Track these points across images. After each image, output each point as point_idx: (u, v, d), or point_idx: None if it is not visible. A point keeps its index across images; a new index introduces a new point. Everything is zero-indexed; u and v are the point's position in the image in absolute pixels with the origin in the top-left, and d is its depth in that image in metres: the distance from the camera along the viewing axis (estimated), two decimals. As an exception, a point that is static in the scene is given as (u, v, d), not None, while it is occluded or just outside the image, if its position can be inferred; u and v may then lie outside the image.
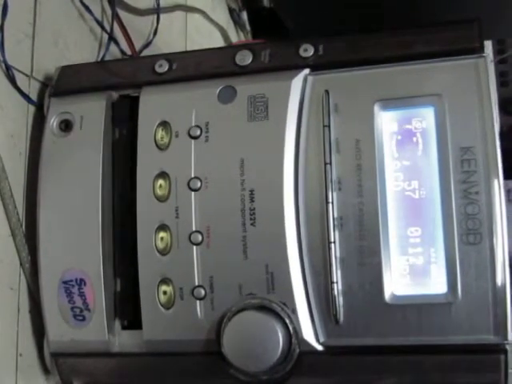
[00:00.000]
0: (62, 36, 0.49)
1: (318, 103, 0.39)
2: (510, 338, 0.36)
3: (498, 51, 0.98)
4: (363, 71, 0.39)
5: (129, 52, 0.55)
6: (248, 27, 0.83)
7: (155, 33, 0.62)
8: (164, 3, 0.64)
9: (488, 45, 0.39)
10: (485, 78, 0.37)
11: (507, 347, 0.36)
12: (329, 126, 0.39)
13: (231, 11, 0.81)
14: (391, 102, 0.39)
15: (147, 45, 0.60)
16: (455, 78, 0.38)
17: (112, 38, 0.53)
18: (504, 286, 0.36)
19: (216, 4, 0.78)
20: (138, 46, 0.58)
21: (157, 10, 0.62)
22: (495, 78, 0.39)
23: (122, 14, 0.56)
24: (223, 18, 0.80)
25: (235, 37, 0.81)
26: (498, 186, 0.36)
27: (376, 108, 0.39)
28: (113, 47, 0.54)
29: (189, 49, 0.70)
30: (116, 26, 0.54)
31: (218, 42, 0.78)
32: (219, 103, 0.41)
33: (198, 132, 0.41)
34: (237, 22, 0.81)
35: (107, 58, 0.53)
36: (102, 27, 0.53)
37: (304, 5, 0.80)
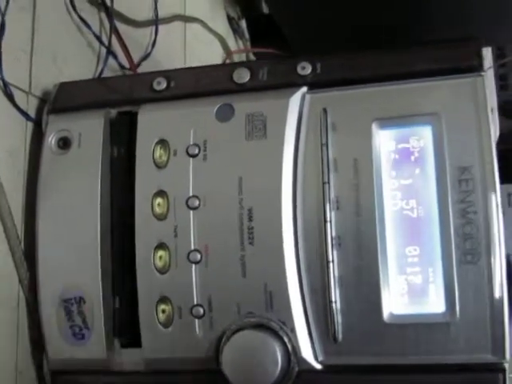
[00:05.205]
0: (60, 51, 0.49)
1: (315, 122, 0.39)
2: (508, 357, 0.36)
3: (498, 56, 0.99)
4: (361, 89, 0.39)
5: (127, 65, 0.55)
6: (247, 35, 0.83)
7: (154, 44, 0.61)
8: (162, 14, 0.64)
9: (487, 52, 0.39)
10: (482, 97, 0.37)
11: (505, 366, 0.36)
12: (327, 145, 0.39)
13: (230, 20, 0.81)
14: (389, 120, 0.39)
15: (146, 57, 0.60)
16: (453, 96, 0.38)
17: (110, 52, 0.53)
18: (502, 305, 0.36)
19: (215, 13, 0.78)
20: (136, 58, 0.58)
21: (155, 22, 0.62)
22: (495, 81, 0.39)
23: (120, 26, 0.56)
24: (222, 26, 0.80)
25: (234, 45, 0.81)
26: (496, 205, 0.36)
27: (374, 126, 0.39)
28: (111, 61, 0.54)
29: (188, 59, 0.70)
30: (114, 39, 0.53)
31: (217, 50, 0.78)
32: (217, 121, 0.41)
33: (197, 150, 0.41)
34: (236, 31, 0.81)
35: (106, 71, 0.53)
36: (100, 41, 0.53)
37: (302, 11, 0.80)
